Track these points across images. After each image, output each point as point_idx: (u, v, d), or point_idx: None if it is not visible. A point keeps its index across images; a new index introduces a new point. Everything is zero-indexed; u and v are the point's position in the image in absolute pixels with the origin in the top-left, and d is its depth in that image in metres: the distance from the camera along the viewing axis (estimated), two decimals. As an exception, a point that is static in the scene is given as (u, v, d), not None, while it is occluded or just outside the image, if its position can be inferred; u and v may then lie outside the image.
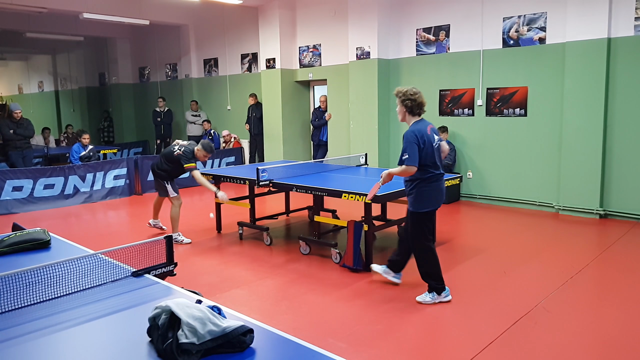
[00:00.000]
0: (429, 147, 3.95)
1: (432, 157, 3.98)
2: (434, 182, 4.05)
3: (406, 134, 3.99)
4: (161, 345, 1.80)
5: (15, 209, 7.98)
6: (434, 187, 4.05)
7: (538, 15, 7.39)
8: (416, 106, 4.03)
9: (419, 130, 3.96)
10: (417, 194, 4.03)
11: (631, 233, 6.21)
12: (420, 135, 3.93)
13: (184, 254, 5.61)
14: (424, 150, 3.92)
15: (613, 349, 3.39)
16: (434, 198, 4.08)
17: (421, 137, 3.93)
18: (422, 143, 3.92)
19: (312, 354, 1.88)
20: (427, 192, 4.03)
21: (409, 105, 4.03)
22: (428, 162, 3.97)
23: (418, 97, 4.03)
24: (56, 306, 2.27)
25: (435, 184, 4.06)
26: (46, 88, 18.92)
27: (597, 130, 6.87)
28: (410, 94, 4.01)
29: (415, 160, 3.89)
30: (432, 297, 4.15)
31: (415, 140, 3.90)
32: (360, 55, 9.06)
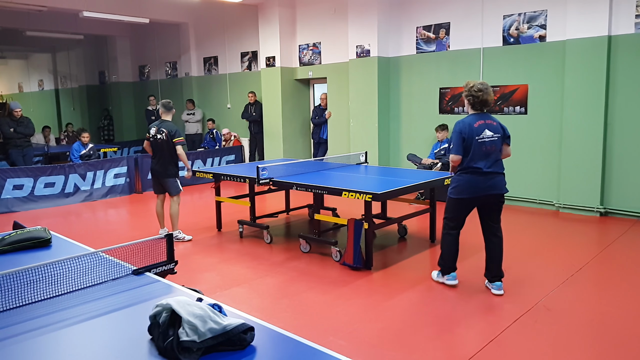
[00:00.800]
0: (471, 139, 4.06)
1: (471, 150, 4.07)
2: (469, 174, 4.12)
3: (455, 124, 4.22)
4: (162, 343, 1.80)
5: (15, 208, 7.99)
6: (467, 179, 4.13)
7: (538, 12, 7.38)
8: (478, 103, 4.17)
9: (467, 122, 4.13)
10: (453, 180, 4.27)
11: (631, 231, 6.21)
12: (464, 126, 4.10)
13: (185, 252, 5.62)
14: (466, 142, 4.07)
15: (613, 346, 3.39)
16: (463, 188, 4.17)
17: (468, 128, 4.08)
18: (465, 134, 4.07)
19: (312, 352, 1.88)
20: (460, 181, 4.18)
21: (471, 101, 4.20)
22: (468, 154, 4.09)
23: (482, 95, 4.13)
24: (57, 304, 2.27)
25: (470, 176, 4.12)
26: (46, 86, 18.92)
27: (597, 128, 6.87)
28: (475, 91, 4.14)
29: (458, 150, 4.09)
30: (437, 275, 4.51)
31: (459, 131, 4.11)
32: (360, 53, 9.05)
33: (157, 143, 6.00)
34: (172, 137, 5.94)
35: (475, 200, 4.20)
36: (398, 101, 9.12)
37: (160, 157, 6.01)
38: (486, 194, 4.16)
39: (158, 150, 6.02)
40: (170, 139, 5.94)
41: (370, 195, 4.67)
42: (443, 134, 8.22)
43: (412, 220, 6.20)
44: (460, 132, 4.09)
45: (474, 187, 4.14)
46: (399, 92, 9.10)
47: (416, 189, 5.44)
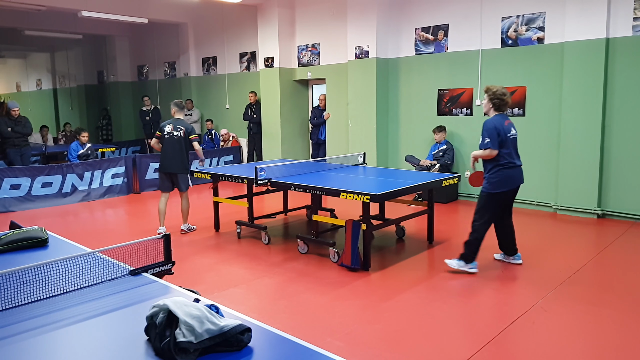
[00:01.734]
0: (504, 136, 4.54)
1: (507, 146, 4.56)
2: (508, 168, 4.60)
3: (486, 122, 4.62)
4: (159, 344, 1.80)
5: (12, 207, 7.97)
6: (506, 173, 4.60)
7: (537, 15, 7.39)
8: (503, 105, 4.67)
9: (497, 120, 4.60)
10: (491, 177, 4.63)
11: (629, 233, 6.22)
12: (500, 124, 4.57)
13: (182, 253, 5.61)
14: (500, 138, 4.52)
15: (610, 348, 3.39)
16: (504, 182, 4.60)
17: (500, 125, 4.56)
18: (500, 132, 4.52)
19: (310, 353, 1.87)
20: (499, 176, 4.59)
21: (497, 104, 4.65)
22: (503, 150, 4.56)
23: (506, 98, 4.65)
24: (53, 304, 2.27)
25: (509, 170, 4.60)
26: (44, 86, 18.89)
27: (595, 130, 6.88)
28: (500, 94, 4.63)
29: (495, 144, 4.52)
30: (459, 264, 4.73)
31: (493, 127, 4.53)
32: (359, 55, 9.06)
33: (172, 140, 6.30)
34: (188, 133, 6.37)
35: (510, 192, 4.70)
36: (397, 102, 9.13)
37: (176, 153, 6.30)
38: (518, 185, 4.72)
39: (173, 147, 6.30)
40: (187, 136, 6.34)
41: (369, 196, 4.67)
42: (441, 136, 8.23)
43: (410, 221, 6.20)
44: (495, 127, 4.52)
45: (512, 180, 4.65)
46: (397, 94, 9.11)
47: (414, 190, 5.44)
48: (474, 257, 4.72)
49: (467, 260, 4.71)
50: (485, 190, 4.67)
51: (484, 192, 4.68)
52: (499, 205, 4.72)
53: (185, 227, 6.56)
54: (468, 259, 4.71)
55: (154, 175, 9.79)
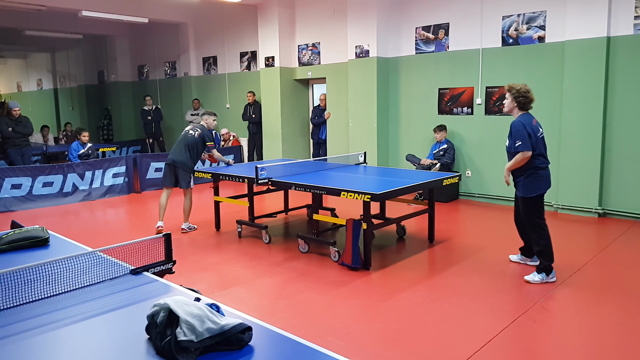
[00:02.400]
0: (534, 137, 4.37)
1: (538, 146, 4.39)
2: (542, 170, 4.43)
3: (514, 123, 4.43)
4: (159, 343, 1.80)
5: (14, 207, 7.98)
6: (542, 175, 4.44)
7: (537, 13, 7.38)
8: (528, 102, 4.49)
9: (525, 120, 4.41)
10: (526, 181, 4.44)
11: (630, 232, 6.22)
12: (528, 124, 4.38)
13: (183, 252, 5.61)
14: (531, 139, 4.34)
15: (611, 347, 3.39)
16: (541, 184, 4.45)
17: (529, 125, 4.37)
18: (530, 132, 4.34)
19: (310, 352, 1.88)
20: (535, 179, 4.42)
21: (522, 102, 4.47)
22: (536, 151, 4.37)
23: (530, 95, 4.48)
24: (54, 304, 2.27)
25: (543, 172, 4.44)
26: (45, 86, 18.90)
27: (596, 129, 6.87)
28: (524, 92, 4.46)
29: (528, 145, 4.32)
30: (542, 277, 4.49)
31: (523, 128, 4.33)
32: (360, 54, 9.05)
33: (185, 136, 6.52)
34: (203, 138, 6.54)
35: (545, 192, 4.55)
36: (397, 102, 9.12)
37: (182, 148, 6.46)
38: (550, 185, 4.57)
39: (183, 142, 6.48)
40: (201, 139, 6.51)
41: (369, 195, 4.67)
42: (441, 135, 8.22)
43: (410, 220, 6.20)
44: (524, 128, 4.33)
45: (548, 181, 4.51)
46: (398, 93, 9.10)
47: (415, 189, 5.44)
48: (551, 267, 4.53)
49: (548, 272, 4.51)
50: (524, 195, 4.49)
51: (526, 197, 4.48)
52: (543, 204, 4.55)
53: (185, 225, 6.59)
54: (547, 270, 4.51)
55: (154, 174, 9.80)
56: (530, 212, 4.52)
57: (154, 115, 12.86)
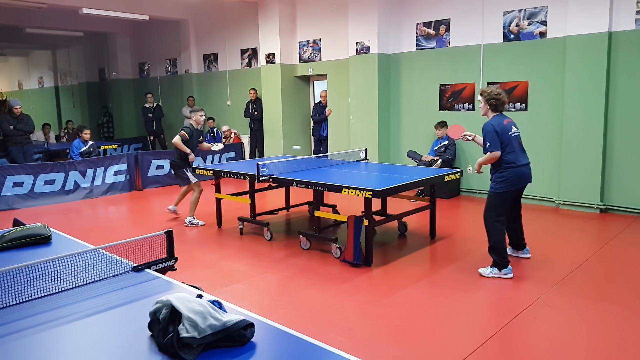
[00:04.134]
0: (505, 135, 4.49)
1: (510, 146, 4.50)
2: (513, 167, 4.52)
3: (485, 125, 4.58)
4: (162, 340, 1.80)
5: (15, 205, 7.99)
6: (513, 172, 4.52)
7: (539, 9, 7.36)
8: (499, 104, 4.62)
9: (495, 121, 4.55)
10: (496, 176, 4.57)
11: (631, 227, 6.21)
12: (498, 124, 4.52)
13: (185, 249, 5.62)
14: (501, 138, 4.47)
15: (613, 342, 3.39)
16: (510, 181, 4.53)
17: (499, 125, 4.51)
18: (499, 132, 4.47)
19: (312, 348, 1.88)
20: (505, 175, 4.52)
21: (493, 104, 4.61)
22: (507, 150, 4.50)
23: (501, 97, 4.61)
24: (57, 301, 2.27)
25: (514, 169, 4.52)
26: (46, 84, 18.90)
27: (597, 124, 6.86)
28: (495, 94, 4.60)
29: (496, 146, 4.46)
30: (492, 271, 4.56)
31: (492, 129, 4.49)
32: (360, 50, 9.04)
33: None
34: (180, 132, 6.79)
35: (518, 190, 4.71)
36: (398, 98, 9.11)
37: (174, 149, 6.89)
38: (526, 183, 4.70)
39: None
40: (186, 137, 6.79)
41: (371, 192, 4.67)
42: (443, 131, 8.21)
43: (412, 217, 6.20)
44: (494, 129, 4.48)
45: (521, 179, 4.60)
46: (399, 89, 9.09)
47: (416, 185, 5.44)
48: (506, 262, 4.55)
49: (500, 267, 4.55)
50: (493, 190, 4.59)
51: (492, 192, 4.59)
52: (508, 203, 4.64)
53: (188, 220, 6.67)
54: (500, 265, 4.55)
55: (156, 172, 9.82)
56: (491, 207, 4.59)
57: (155, 112, 12.87)
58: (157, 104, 13.09)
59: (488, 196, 4.66)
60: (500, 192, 4.54)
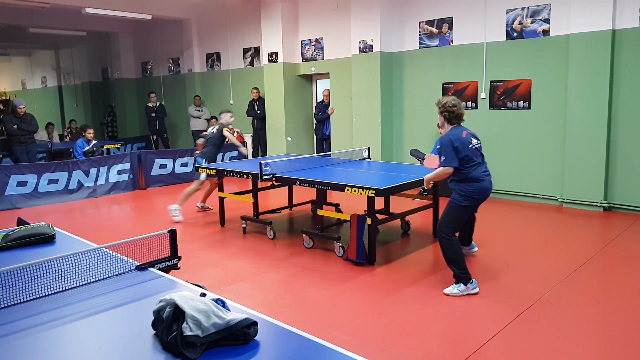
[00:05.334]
0: (466, 149, 4.18)
1: (471, 158, 4.19)
2: (477, 181, 4.21)
3: (441, 138, 4.31)
4: (166, 338, 1.81)
5: (19, 204, 8.02)
6: (478, 187, 4.22)
7: (542, 7, 7.34)
8: (454, 117, 4.33)
9: (453, 134, 4.24)
10: (457, 190, 4.27)
11: (635, 226, 6.19)
12: (455, 138, 4.20)
13: (188, 248, 5.63)
14: (461, 153, 4.15)
15: (617, 341, 3.39)
16: (478, 197, 4.25)
17: (456, 138, 4.19)
18: (459, 147, 4.16)
19: (315, 347, 1.88)
20: (470, 191, 4.21)
21: (447, 116, 4.35)
22: (469, 163, 4.19)
23: (456, 110, 4.32)
24: (61, 300, 2.28)
25: (479, 183, 4.22)
26: (49, 83, 18.94)
27: (601, 122, 6.84)
28: (449, 106, 4.31)
29: (452, 160, 4.15)
30: (459, 288, 4.19)
31: (449, 142, 4.18)
32: (363, 49, 9.03)
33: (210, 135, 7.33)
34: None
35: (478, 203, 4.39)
36: (401, 96, 9.10)
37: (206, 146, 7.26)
38: (488, 195, 4.37)
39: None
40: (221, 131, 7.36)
41: (373, 190, 4.67)
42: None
43: (415, 215, 6.19)
44: (451, 143, 4.18)
45: (484, 193, 4.29)
46: (401, 88, 9.08)
47: (419, 184, 5.42)
48: (468, 274, 4.20)
49: (465, 281, 4.18)
50: (455, 202, 4.26)
51: (454, 204, 4.26)
52: (466, 216, 4.42)
53: (175, 207, 6.97)
54: (463, 279, 4.18)
55: (159, 171, 9.84)
56: (450, 220, 4.28)
57: (158, 112, 12.88)
58: (160, 103, 13.11)
59: (447, 207, 4.32)
60: (463, 204, 4.24)
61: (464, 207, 4.27)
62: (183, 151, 10.32)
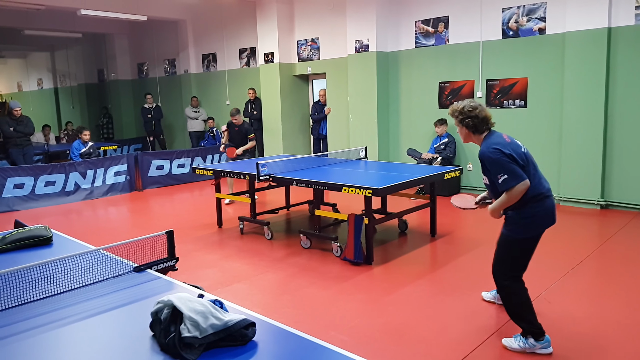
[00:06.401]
0: (521, 156, 3.10)
1: (529, 168, 3.12)
2: (541, 199, 3.12)
3: (484, 153, 3.12)
4: (164, 340, 1.81)
5: (16, 206, 8.00)
6: (542, 206, 3.12)
7: (537, 5, 7.36)
8: (479, 123, 3.23)
9: (495, 143, 3.12)
10: (517, 214, 3.14)
11: (632, 224, 6.21)
12: (502, 145, 3.08)
13: (186, 249, 5.63)
14: (517, 162, 3.05)
15: (614, 339, 3.40)
16: (541, 220, 3.15)
17: (504, 146, 3.07)
18: (508, 151, 3.05)
19: (313, 347, 1.88)
20: (530, 213, 3.11)
21: (471, 124, 3.24)
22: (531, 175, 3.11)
23: (479, 112, 3.23)
24: (59, 302, 2.28)
25: (544, 201, 3.13)
26: (45, 85, 18.90)
27: (597, 121, 6.86)
28: (468, 110, 3.24)
29: (517, 175, 3.00)
30: (525, 343, 3.20)
31: (500, 154, 3.03)
32: (359, 48, 9.03)
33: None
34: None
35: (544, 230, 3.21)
36: (397, 96, 9.11)
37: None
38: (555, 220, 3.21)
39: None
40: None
41: (370, 190, 4.67)
42: (442, 129, 8.21)
43: (412, 215, 6.20)
44: (502, 153, 3.03)
45: (553, 214, 3.18)
46: (398, 87, 9.09)
47: (416, 183, 5.44)
48: (541, 329, 3.20)
49: (536, 337, 3.19)
50: (516, 235, 3.17)
51: (514, 238, 3.20)
52: (531, 253, 3.29)
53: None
54: (536, 334, 3.19)
55: (156, 172, 9.83)
56: (507, 259, 3.27)
57: (154, 113, 12.87)
58: (156, 105, 13.10)
59: (502, 243, 3.28)
60: (527, 237, 3.18)
61: (528, 241, 3.20)
62: (180, 152, 10.31)
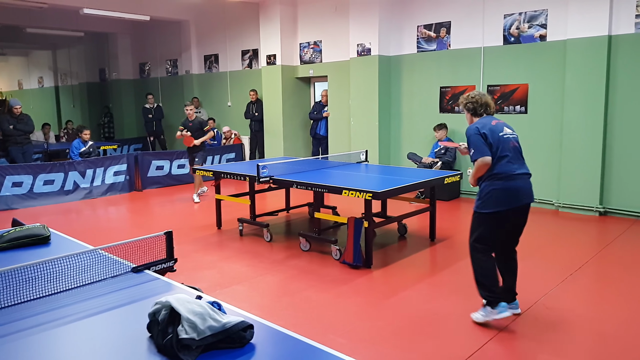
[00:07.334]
0: (494, 136, 3.55)
1: (503, 150, 3.55)
2: (503, 179, 3.52)
3: (467, 129, 3.71)
4: (161, 341, 1.80)
5: (15, 205, 7.98)
6: (500, 186, 3.52)
7: (539, 12, 7.37)
8: (479, 106, 3.77)
9: (480, 122, 3.68)
10: (481, 190, 3.60)
11: (631, 230, 6.21)
12: (482, 125, 3.61)
13: (184, 250, 5.61)
14: (488, 141, 3.54)
15: (613, 345, 3.39)
16: (500, 199, 3.53)
17: (482, 127, 3.59)
18: (487, 133, 3.55)
19: (312, 350, 1.88)
20: (490, 190, 3.54)
21: (471, 108, 3.80)
22: (497, 154, 3.54)
23: (480, 98, 3.79)
24: (56, 302, 2.27)
25: (504, 182, 3.52)
26: (46, 84, 18.90)
27: (597, 128, 6.86)
28: (471, 97, 3.82)
29: (482, 150, 3.51)
30: (484, 312, 3.63)
31: (476, 131, 3.58)
32: (361, 52, 9.04)
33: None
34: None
35: (511, 212, 3.60)
36: (399, 100, 9.11)
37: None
38: (522, 203, 3.65)
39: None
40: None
41: (371, 193, 4.66)
42: (441, 133, 8.21)
43: (412, 219, 6.19)
44: (477, 131, 3.57)
45: (514, 196, 3.57)
46: (399, 91, 9.09)
47: (416, 187, 5.44)
48: (498, 297, 3.59)
49: (492, 305, 3.58)
50: (476, 209, 3.66)
51: (475, 212, 3.67)
52: (494, 230, 3.63)
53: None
54: (492, 302, 3.58)
55: (155, 172, 9.82)
56: (473, 230, 3.68)
57: (155, 113, 12.87)
58: (157, 105, 13.10)
59: (472, 217, 3.73)
60: (483, 212, 3.58)
61: (484, 215, 3.59)
62: (180, 153, 10.30)
